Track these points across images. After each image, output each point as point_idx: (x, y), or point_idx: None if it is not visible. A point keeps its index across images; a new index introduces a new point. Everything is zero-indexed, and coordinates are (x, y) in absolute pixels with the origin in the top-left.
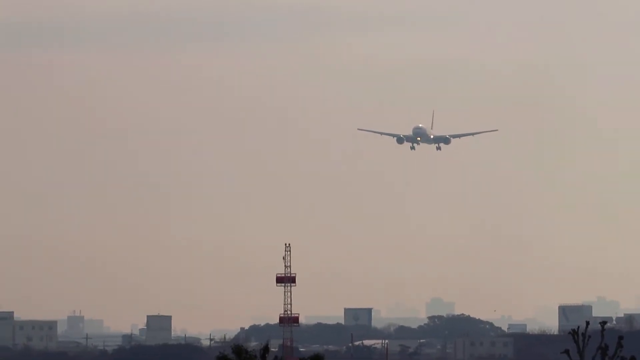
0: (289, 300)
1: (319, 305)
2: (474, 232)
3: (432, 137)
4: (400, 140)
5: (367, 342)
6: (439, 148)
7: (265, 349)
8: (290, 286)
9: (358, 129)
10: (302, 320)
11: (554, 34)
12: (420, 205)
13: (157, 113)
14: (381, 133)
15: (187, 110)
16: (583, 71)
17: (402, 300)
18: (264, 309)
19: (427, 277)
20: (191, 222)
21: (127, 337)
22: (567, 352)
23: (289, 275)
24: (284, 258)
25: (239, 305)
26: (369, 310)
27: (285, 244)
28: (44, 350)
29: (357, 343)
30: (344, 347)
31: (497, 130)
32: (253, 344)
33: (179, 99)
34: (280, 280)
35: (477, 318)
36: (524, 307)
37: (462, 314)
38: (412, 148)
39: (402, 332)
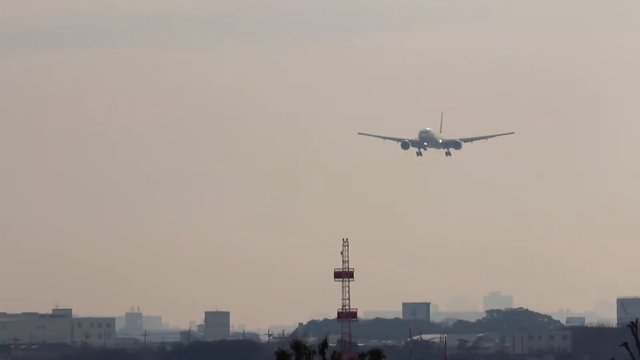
0: (347, 295)
1: (377, 300)
2: (531, 227)
3: (440, 141)
4: (405, 145)
5: (425, 337)
6: (448, 153)
7: (324, 344)
8: (348, 281)
9: (359, 133)
10: (360, 315)
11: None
12: (474, 202)
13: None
14: (384, 137)
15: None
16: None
17: (459, 294)
18: (322, 304)
19: (485, 271)
20: (248, 220)
21: (186, 334)
22: (625, 345)
23: (347, 270)
24: (341, 253)
25: (297, 300)
26: (427, 305)
27: (343, 239)
28: (102, 347)
29: (415, 338)
30: (403, 341)
31: (513, 132)
32: (311, 340)
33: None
34: (338, 275)
35: (535, 312)
36: (583, 300)
37: (520, 308)
38: (419, 154)
39: (460, 326)
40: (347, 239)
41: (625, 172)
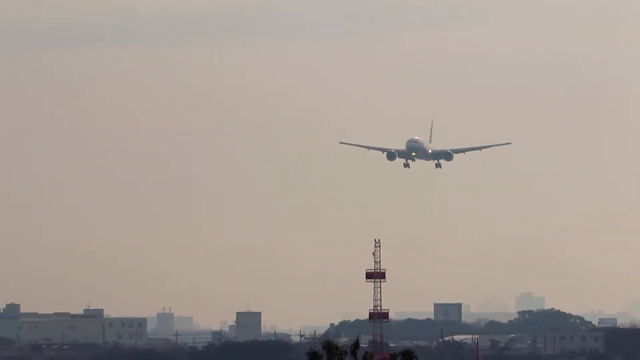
0: (379, 296)
1: (409, 300)
2: (563, 228)
3: (430, 151)
4: (391, 155)
5: (457, 338)
6: (438, 165)
7: (356, 344)
8: (380, 282)
9: (340, 142)
10: (392, 315)
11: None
12: (505, 205)
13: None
14: (368, 147)
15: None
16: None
17: (491, 295)
18: (353, 304)
19: (517, 271)
20: (280, 220)
21: (217, 334)
22: None
23: (378, 271)
24: (373, 254)
25: (328, 301)
26: (459, 306)
27: (375, 240)
28: (134, 348)
29: (447, 338)
30: (434, 342)
31: (510, 143)
32: (343, 340)
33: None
34: (370, 276)
35: (567, 312)
36: (615, 301)
37: (552, 309)
38: (406, 165)
39: (492, 327)
40: (379, 240)
41: None
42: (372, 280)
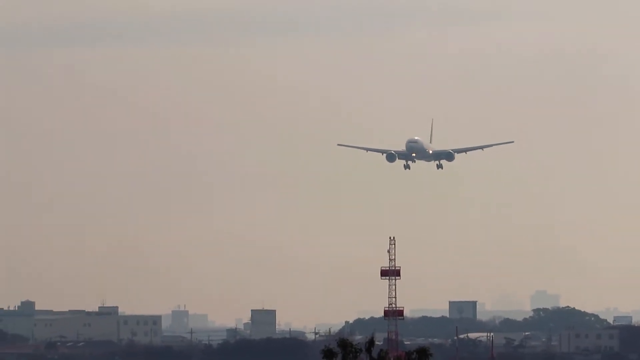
0: (394, 293)
1: (424, 298)
2: (578, 226)
3: (430, 152)
4: (391, 157)
5: (472, 335)
6: (439, 166)
7: (371, 342)
8: (395, 279)
9: (338, 145)
10: (407, 313)
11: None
12: (518, 203)
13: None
14: (367, 149)
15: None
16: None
17: (506, 293)
18: (368, 302)
19: (532, 269)
20: (294, 218)
21: (232, 332)
22: None
23: (393, 268)
24: (388, 251)
25: (343, 298)
26: (474, 303)
27: (390, 237)
28: (149, 345)
29: (462, 336)
30: (449, 340)
31: (512, 141)
32: (358, 338)
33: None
34: (384, 273)
35: (582, 310)
36: (630, 299)
37: (567, 307)
38: (407, 167)
39: (507, 324)
40: (394, 237)
41: None
42: (387, 277)
